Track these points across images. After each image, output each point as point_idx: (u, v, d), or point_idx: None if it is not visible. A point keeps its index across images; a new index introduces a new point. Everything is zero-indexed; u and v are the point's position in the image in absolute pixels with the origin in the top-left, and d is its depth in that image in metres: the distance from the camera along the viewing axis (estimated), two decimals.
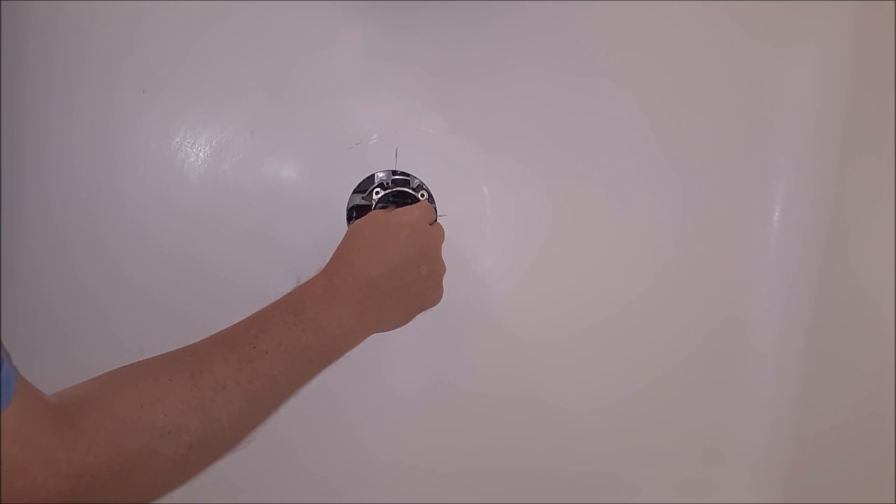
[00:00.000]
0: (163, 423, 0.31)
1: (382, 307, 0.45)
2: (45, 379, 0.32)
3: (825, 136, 0.59)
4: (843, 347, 0.59)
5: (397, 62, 0.58)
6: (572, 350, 0.61)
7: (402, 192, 0.58)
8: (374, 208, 0.57)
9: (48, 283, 0.57)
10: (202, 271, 0.58)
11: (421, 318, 0.58)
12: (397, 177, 0.58)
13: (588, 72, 0.58)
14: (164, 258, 0.57)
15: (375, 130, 0.58)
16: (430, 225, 0.53)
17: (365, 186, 0.58)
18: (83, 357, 0.57)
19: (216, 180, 0.57)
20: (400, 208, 0.53)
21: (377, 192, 0.58)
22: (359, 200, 0.58)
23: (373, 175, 0.58)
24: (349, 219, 0.58)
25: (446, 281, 0.54)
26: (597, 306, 0.61)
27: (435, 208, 0.58)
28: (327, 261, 0.48)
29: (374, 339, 0.57)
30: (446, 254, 0.54)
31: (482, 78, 0.58)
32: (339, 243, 0.49)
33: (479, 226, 0.59)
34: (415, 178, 0.58)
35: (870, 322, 0.58)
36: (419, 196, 0.58)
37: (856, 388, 0.58)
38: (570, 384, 0.62)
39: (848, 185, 0.58)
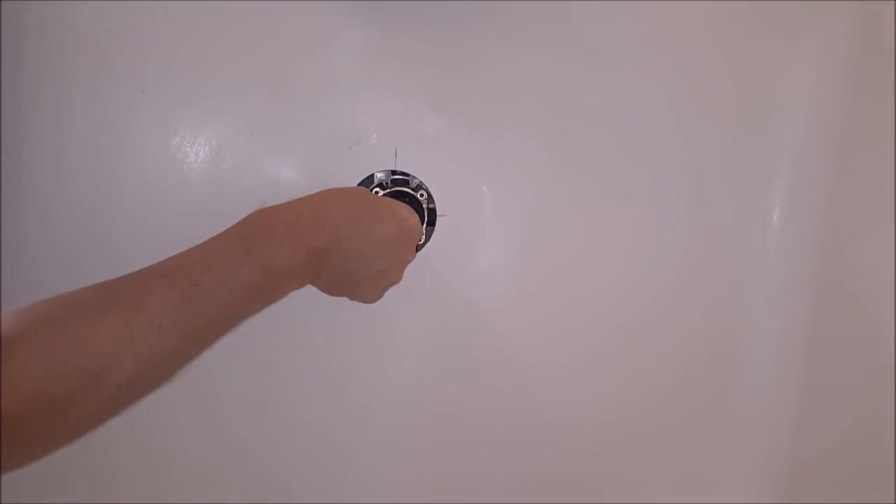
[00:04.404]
0: (90, 366, 0.30)
1: (329, 267, 0.42)
2: None
3: (825, 137, 0.59)
4: (844, 348, 0.59)
5: (397, 62, 0.58)
6: (573, 351, 0.61)
7: (401, 192, 0.58)
8: None
9: (47, 284, 0.57)
10: None
11: (420, 318, 0.58)
12: (397, 176, 0.58)
13: (588, 72, 0.58)
14: (163, 258, 0.57)
15: (375, 130, 0.58)
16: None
17: (364, 186, 0.58)
18: None
19: (216, 180, 0.57)
20: (409, 207, 0.50)
21: (376, 192, 0.58)
22: None
23: (372, 175, 0.58)
24: None
25: (445, 279, 0.54)
26: (597, 306, 0.61)
27: (435, 208, 0.58)
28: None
29: (370, 351, 0.57)
30: (446, 253, 0.54)
31: (482, 78, 0.58)
32: (338, 185, 0.46)
33: (479, 226, 0.59)
34: (414, 177, 0.58)
35: (870, 322, 0.58)
36: (419, 196, 0.58)
37: (856, 388, 0.58)
38: (571, 385, 0.62)
39: (848, 185, 0.58)
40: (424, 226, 0.58)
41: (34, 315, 0.32)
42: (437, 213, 0.58)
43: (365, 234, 0.43)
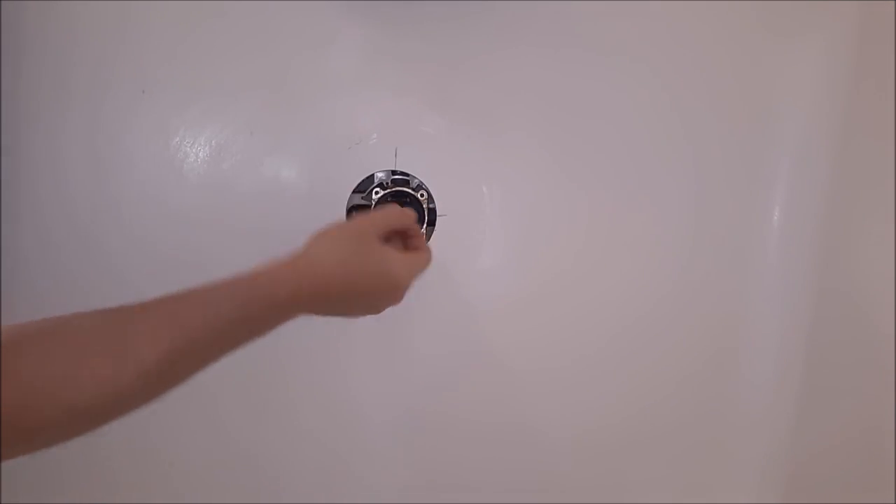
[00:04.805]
0: (73, 401, 0.32)
1: (318, 304, 0.45)
2: None
3: (825, 136, 0.59)
4: (843, 348, 0.59)
5: (397, 62, 0.58)
6: (574, 353, 0.61)
7: (401, 192, 0.58)
8: (374, 208, 0.57)
9: (46, 283, 0.57)
10: (201, 272, 0.57)
11: (419, 319, 0.58)
12: (397, 176, 0.58)
13: (589, 71, 0.58)
14: (163, 259, 0.57)
15: (375, 130, 0.58)
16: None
17: (364, 186, 0.58)
18: None
19: (216, 180, 0.57)
20: (409, 262, 0.47)
21: (377, 192, 0.57)
22: (358, 200, 0.58)
23: (372, 175, 0.58)
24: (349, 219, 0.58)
25: (445, 279, 0.54)
26: (598, 307, 0.61)
27: (435, 208, 0.58)
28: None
29: (367, 352, 0.57)
30: (445, 253, 0.54)
31: (482, 77, 0.58)
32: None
33: (478, 225, 0.59)
34: (414, 177, 0.58)
35: (869, 322, 0.58)
36: (419, 196, 0.58)
37: (855, 388, 0.58)
38: (571, 387, 0.61)
39: (848, 185, 0.58)
40: (424, 226, 0.58)
41: (32, 332, 0.33)
42: (437, 213, 0.58)
43: (358, 298, 0.45)
